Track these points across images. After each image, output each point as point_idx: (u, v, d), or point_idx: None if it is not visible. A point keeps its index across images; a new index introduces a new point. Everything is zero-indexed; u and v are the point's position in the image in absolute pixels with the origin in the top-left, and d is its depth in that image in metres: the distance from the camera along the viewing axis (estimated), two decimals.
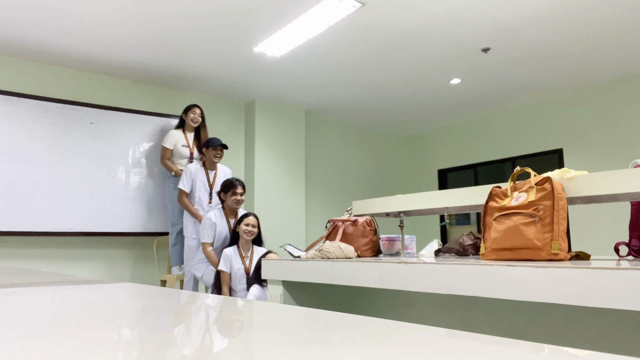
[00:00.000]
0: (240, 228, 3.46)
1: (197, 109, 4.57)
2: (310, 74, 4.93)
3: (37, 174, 4.22)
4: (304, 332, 0.46)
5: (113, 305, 0.67)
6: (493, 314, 1.74)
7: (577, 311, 1.52)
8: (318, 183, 6.38)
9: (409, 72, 4.94)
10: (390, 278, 1.49)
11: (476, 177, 6.67)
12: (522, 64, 4.76)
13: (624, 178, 1.38)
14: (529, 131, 6.01)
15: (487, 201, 1.60)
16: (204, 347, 0.39)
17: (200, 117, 4.58)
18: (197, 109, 4.57)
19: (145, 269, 4.84)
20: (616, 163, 5.22)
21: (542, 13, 3.74)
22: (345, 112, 6.29)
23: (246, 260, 3.44)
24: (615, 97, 5.27)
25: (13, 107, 4.18)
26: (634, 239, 1.62)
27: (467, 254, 1.98)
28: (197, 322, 0.53)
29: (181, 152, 4.51)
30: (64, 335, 0.43)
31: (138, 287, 0.95)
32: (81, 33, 3.95)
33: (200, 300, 0.74)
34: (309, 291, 2.19)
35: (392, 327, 0.46)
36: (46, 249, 4.36)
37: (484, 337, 0.41)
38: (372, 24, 3.88)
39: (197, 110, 4.57)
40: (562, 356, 0.34)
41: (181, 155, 4.51)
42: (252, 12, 3.67)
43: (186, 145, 4.52)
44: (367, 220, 2.12)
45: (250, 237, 3.46)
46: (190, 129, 4.57)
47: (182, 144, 4.51)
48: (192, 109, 4.56)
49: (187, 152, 4.54)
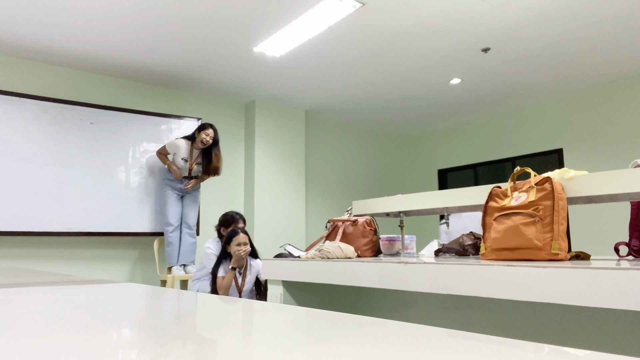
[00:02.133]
0: (231, 249, 3.16)
1: (210, 130, 4.42)
2: (310, 74, 4.93)
3: (37, 174, 4.22)
4: (304, 332, 0.46)
5: (113, 305, 0.67)
6: (493, 314, 1.74)
7: (577, 311, 1.52)
8: (318, 183, 6.38)
9: (409, 72, 4.94)
10: (390, 278, 1.49)
11: (476, 177, 6.66)
12: (522, 64, 4.76)
13: (624, 178, 1.38)
14: (529, 131, 6.01)
15: (487, 201, 1.60)
16: (204, 347, 0.39)
17: (212, 139, 4.44)
18: (210, 131, 4.42)
19: (145, 269, 4.84)
20: (616, 163, 5.22)
21: (542, 13, 3.74)
22: (345, 112, 6.29)
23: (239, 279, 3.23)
24: (615, 97, 5.27)
25: (13, 107, 4.18)
26: (634, 239, 1.62)
27: (467, 254, 1.98)
28: (197, 322, 0.53)
29: (178, 163, 4.48)
30: (64, 335, 0.43)
31: (138, 287, 0.95)
32: (81, 33, 3.95)
33: (200, 300, 0.74)
34: (309, 291, 2.19)
35: (392, 327, 0.46)
36: (46, 249, 4.36)
37: (484, 337, 0.41)
38: (372, 24, 3.88)
39: (210, 132, 4.42)
40: (562, 356, 0.34)
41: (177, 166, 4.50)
42: (252, 12, 3.67)
43: (186, 160, 4.47)
44: (367, 220, 2.12)
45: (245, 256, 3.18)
46: (197, 147, 4.48)
47: (182, 156, 4.45)
48: (206, 130, 4.40)
49: (185, 167, 4.48)
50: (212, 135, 4.43)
